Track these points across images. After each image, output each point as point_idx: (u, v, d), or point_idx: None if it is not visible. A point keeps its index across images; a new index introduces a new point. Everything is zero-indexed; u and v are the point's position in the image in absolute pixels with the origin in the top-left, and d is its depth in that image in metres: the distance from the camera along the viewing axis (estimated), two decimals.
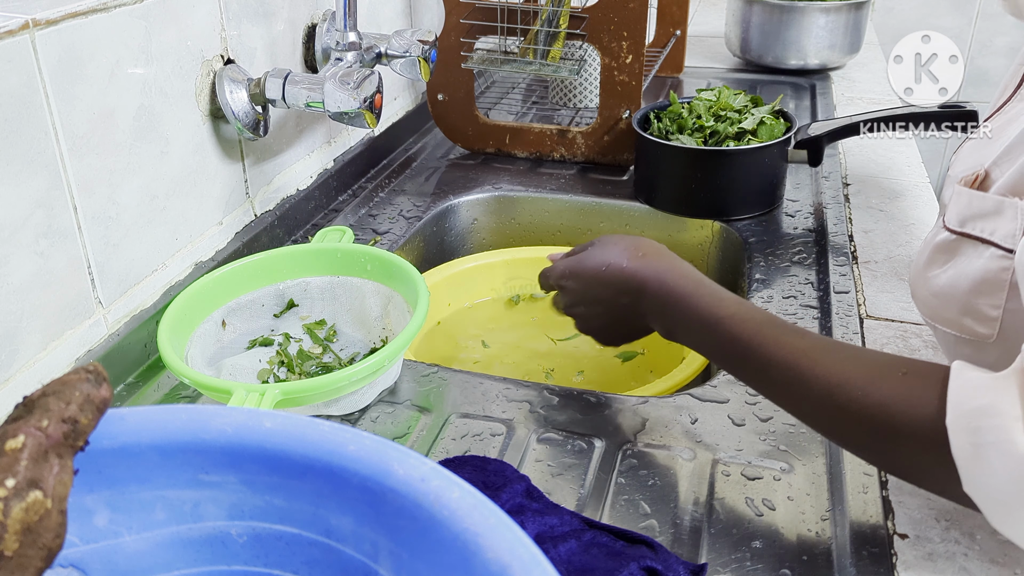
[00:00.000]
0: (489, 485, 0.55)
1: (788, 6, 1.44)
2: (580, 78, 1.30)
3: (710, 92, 1.06)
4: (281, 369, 0.72)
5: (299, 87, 0.82)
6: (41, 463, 0.27)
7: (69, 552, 0.34)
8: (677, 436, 0.63)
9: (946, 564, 0.51)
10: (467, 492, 0.30)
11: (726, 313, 0.57)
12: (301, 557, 0.35)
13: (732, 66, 1.58)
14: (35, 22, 0.59)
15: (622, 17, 1.03)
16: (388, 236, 0.97)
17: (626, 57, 1.05)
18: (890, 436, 0.47)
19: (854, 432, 0.50)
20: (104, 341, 0.69)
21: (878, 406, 0.48)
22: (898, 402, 0.47)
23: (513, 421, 0.65)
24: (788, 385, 0.53)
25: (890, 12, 2.20)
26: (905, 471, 0.50)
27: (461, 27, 1.10)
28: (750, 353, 0.54)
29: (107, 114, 0.67)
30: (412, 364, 0.73)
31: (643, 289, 0.62)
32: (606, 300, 0.65)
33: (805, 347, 0.52)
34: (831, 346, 0.53)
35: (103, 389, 0.30)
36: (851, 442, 0.52)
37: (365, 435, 0.32)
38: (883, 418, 0.47)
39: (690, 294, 0.59)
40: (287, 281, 0.76)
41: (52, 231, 0.63)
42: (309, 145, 1.00)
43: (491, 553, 0.28)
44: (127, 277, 0.72)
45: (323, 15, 0.97)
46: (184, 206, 0.78)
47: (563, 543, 0.51)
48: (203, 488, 0.34)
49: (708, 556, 0.53)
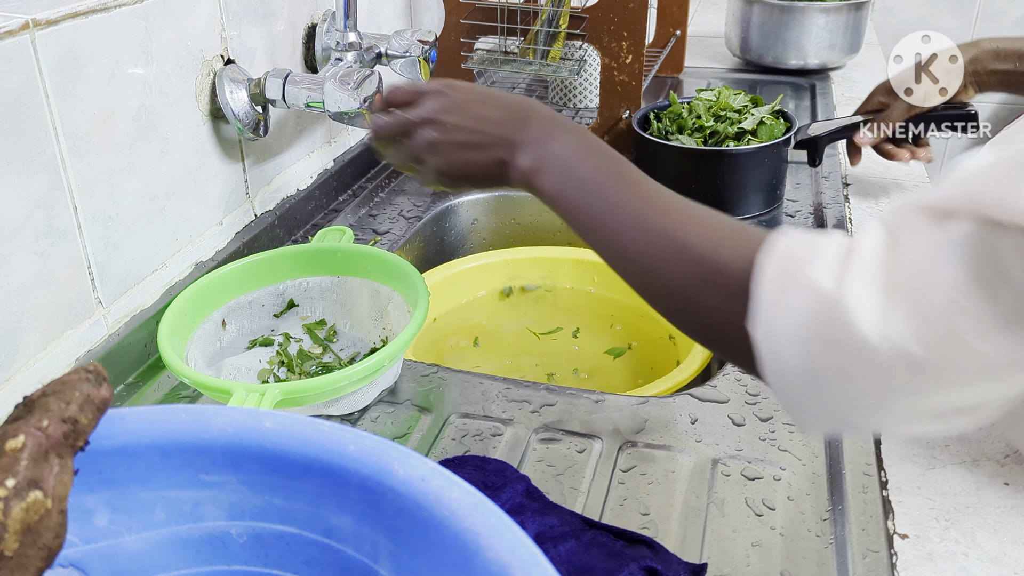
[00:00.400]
0: (489, 485, 0.55)
1: (788, 6, 1.44)
2: (580, 78, 1.30)
3: (710, 92, 1.06)
4: (281, 369, 0.72)
5: (299, 87, 0.82)
6: (41, 463, 0.27)
7: (69, 552, 0.34)
8: (677, 436, 0.63)
9: (946, 564, 0.51)
10: (467, 492, 0.30)
11: (600, 172, 0.56)
12: (301, 557, 0.35)
13: (732, 66, 1.58)
14: (35, 22, 0.59)
15: (622, 17, 1.03)
16: (388, 236, 0.97)
17: (626, 57, 1.05)
18: (708, 272, 0.49)
19: (673, 272, 0.51)
20: (104, 341, 0.69)
21: (706, 244, 0.50)
22: (724, 242, 0.50)
23: (513, 421, 0.65)
24: (624, 233, 0.53)
25: (890, 12, 2.20)
26: (708, 314, 0.50)
27: (461, 27, 1.10)
28: (600, 195, 0.54)
29: (107, 114, 0.67)
30: (412, 364, 0.73)
31: (531, 117, 0.59)
32: (485, 118, 0.60)
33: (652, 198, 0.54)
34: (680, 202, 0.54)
35: (103, 389, 0.30)
36: (667, 285, 0.52)
37: (365, 435, 0.32)
38: (707, 255, 0.50)
39: (577, 139, 0.57)
40: (287, 281, 0.76)
41: (52, 231, 0.63)
42: (309, 145, 1.00)
43: (491, 553, 0.28)
44: (127, 277, 0.72)
45: (323, 15, 0.97)
46: (184, 206, 0.78)
47: (563, 543, 0.51)
48: (203, 488, 0.34)
49: (708, 556, 0.53)
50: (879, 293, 0.42)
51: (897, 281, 0.42)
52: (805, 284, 0.44)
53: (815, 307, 0.44)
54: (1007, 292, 0.38)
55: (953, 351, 0.40)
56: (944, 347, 0.40)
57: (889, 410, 0.44)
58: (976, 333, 0.39)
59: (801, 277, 0.45)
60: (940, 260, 0.40)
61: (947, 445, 0.61)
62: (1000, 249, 0.38)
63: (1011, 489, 0.57)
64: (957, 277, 0.39)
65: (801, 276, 0.45)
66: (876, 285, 0.42)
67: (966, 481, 0.58)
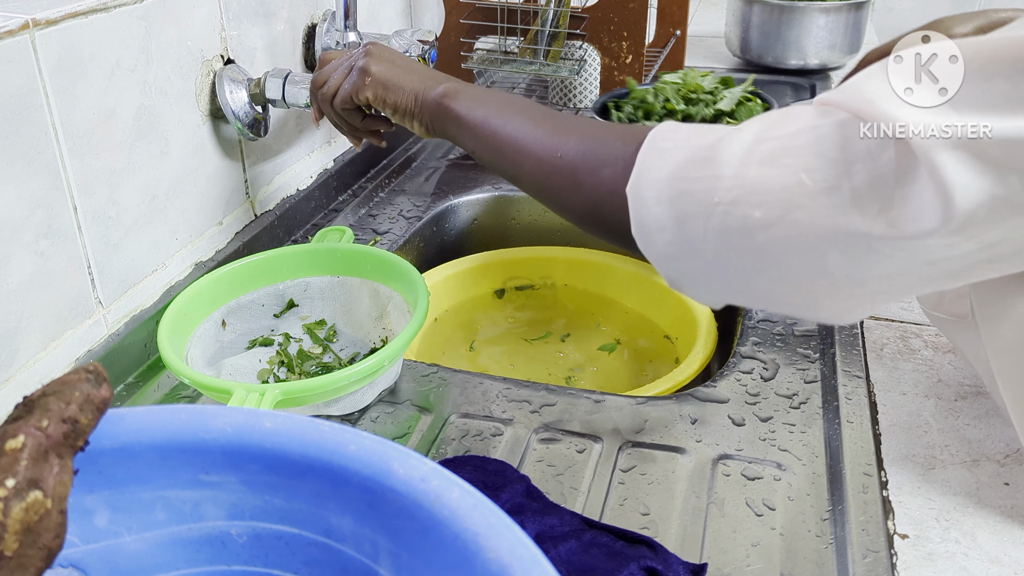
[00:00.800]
0: (489, 485, 0.55)
1: (788, 6, 1.44)
2: (580, 78, 1.30)
3: (675, 75, 0.99)
4: (281, 369, 0.72)
5: (299, 87, 0.82)
6: (41, 463, 0.27)
7: (69, 552, 0.34)
8: (677, 436, 0.63)
9: (946, 564, 0.51)
10: (467, 492, 0.30)
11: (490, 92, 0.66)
12: (301, 557, 0.35)
13: (732, 66, 1.58)
14: (35, 22, 0.59)
15: (622, 17, 1.03)
16: (388, 236, 0.97)
17: (626, 57, 1.05)
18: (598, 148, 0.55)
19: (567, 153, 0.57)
20: (104, 341, 0.69)
21: (600, 129, 0.57)
22: (618, 128, 0.57)
23: (513, 421, 0.65)
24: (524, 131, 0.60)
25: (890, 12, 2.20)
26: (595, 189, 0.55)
27: (461, 27, 1.10)
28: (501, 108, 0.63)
29: (107, 114, 0.67)
30: (412, 364, 0.73)
31: (440, 74, 0.69)
32: (412, 60, 0.72)
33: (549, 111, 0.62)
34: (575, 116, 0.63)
35: (103, 389, 0.30)
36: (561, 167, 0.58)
37: (365, 435, 0.32)
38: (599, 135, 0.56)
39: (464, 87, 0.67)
40: (287, 281, 0.76)
41: (52, 231, 0.63)
42: (309, 145, 1.00)
43: (491, 553, 0.28)
44: (127, 277, 0.72)
45: (323, 15, 0.97)
46: (184, 206, 0.78)
47: (563, 543, 0.51)
48: (203, 488, 0.34)
49: (708, 556, 0.53)
50: (742, 155, 0.48)
51: (762, 149, 0.47)
52: (679, 144, 0.51)
53: (683, 160, 0.50)
54: (846, 184, 0.44)
55: (783, 219, 0.46)
56: (777, 214, 0.46)
57: (739, 273, 0.50)
58: (806, 210, 0.45)
59: (675, 140, 0.51)
60: (806, 141, 0.46)
61: (947, 445, 0.61)
62: (854, 139, 0.44)
63: (1011, 489, 0.57)
64: (811, 160, 0.45)
65: (675, 139, 0.51)
66: (742, 149, 0.48)
67: (966, 481, 0.58)
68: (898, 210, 0.43)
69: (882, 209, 0.43)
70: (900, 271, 0.46)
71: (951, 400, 0.65)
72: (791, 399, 0.67)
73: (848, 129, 0.45)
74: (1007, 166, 0.40)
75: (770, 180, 0.46)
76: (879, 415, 0.64)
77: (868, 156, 0.44)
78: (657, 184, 0.50)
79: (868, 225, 0.44)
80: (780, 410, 0.65)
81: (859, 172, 0.44)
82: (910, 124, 0.42)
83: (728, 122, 0.91)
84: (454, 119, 0.64)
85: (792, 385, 0.68)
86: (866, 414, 0.64)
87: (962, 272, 0.46)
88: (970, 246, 0.43)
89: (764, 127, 0.48)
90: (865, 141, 0.44)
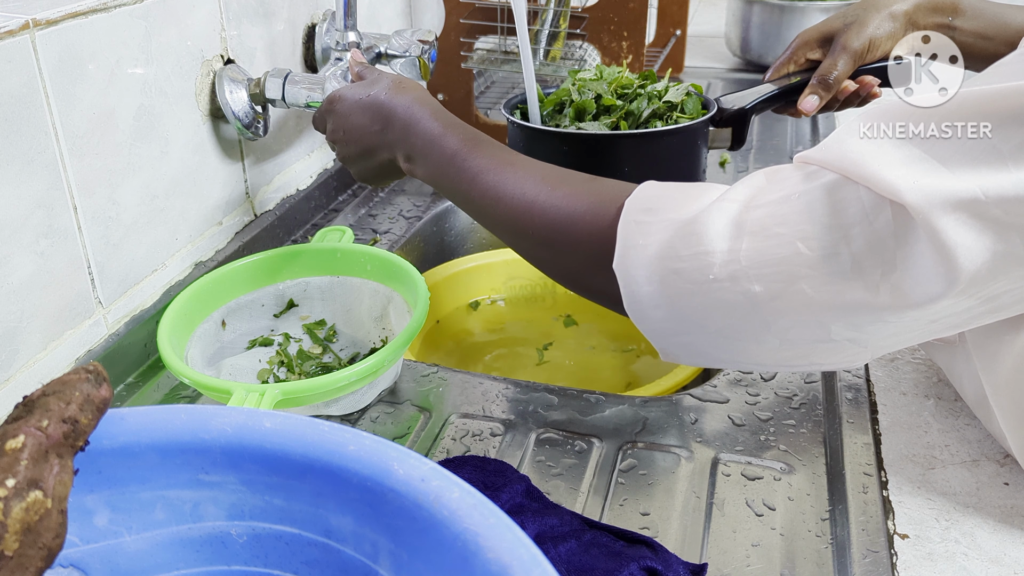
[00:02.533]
0: (489, 485, 0.55)
1: (788, 6, 1.44)
2: None
3: (585, 72, 0.86)
4: (281, 369, 0.72)
5: (299, 87, 0.82)
6: (41, 463, 0.27)
7: (69, 552, 0.34)
8: (677, 436, 0.63)
9: (946, 564, 0.51)
10: (467, 492, 0.30)
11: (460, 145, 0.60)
12: (301, 557, 0.35)
13: (732, 66, 1.58)
14: (35, 22, 0.59)
15: (622, 17, 1.03)
16: (388, 236, 0.97)
17: (626, 57, 1.05)
18: (574, 219, 0.53)
19: (543, 222, 0.54)
20: (104, 341, 0.69)
21: (571, 196, 0.54)
22: (590, 192, 0.53)
23: (513, 421, 0.65)
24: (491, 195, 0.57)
25: None
26: (576, 261, 0.54)
27: (461, 27, 1.10)
28: (476, 185, 0.58)
29: (107, 114, 0.67)
30: (412, 364, 0.73)
31: (392, 117, 0.64)
32: (360, 127, 0.66)
33: (512, 161, 0.58)
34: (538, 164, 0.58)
35: (103, 389, 0.30)
36: (536, 237, 0.55)
37: (365, 435, 0.32)
38: (573, 205, 0.53)
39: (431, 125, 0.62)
40: (287, 281, 0.76)
41: (52, 231, 0.63)
42: (309, 145, 1.00)
43: (491, 553, 0.28)
44: (127, 277, 0.72)
45: (323, 15, 0.97)
46: (184, 206, 0.78)
47: (563, 543, 0.51)
48: (203, 488, 0.34)
49: (708, 556, 0.53)
50: (731, 228, 0.46)
51: (751, 219, 0.45)
52: (662, 218, 0.49)
53: (669, 236, 0.48)
54: (844, 249, 0.43)
55: (785, 292, 0.44)
56: (778, 287, 0.45)
57: (741, 343, 0.48)
58: (808, 280, 0.44)
59: (658, 211, 0.49)
60: (797, 208, 0.44)
61: (947, 445, 0.61)
62: (847, 202, 0.42)
63: (1011, 489, 0.57)
64: (806, 228, 0.44)
65: (658, 211, 0.49)
66: (731, 222, 0.46)
67: (966, 481, 0.58)
68: (900, 274, 0.42)
69: (884, 273, 0.42)
70: (904, 331, 0.45)
71: (951, 400, 0.65)
72: (791, 399, 0.67)
73: (839, 192, 0.43)
74: (1007, 223, 0.39)
75: (766, 252, 0.45)
76: (879, 415, 0.64)
77: (864, 219, 0.42)
78: (647, 264, 0.48)
79: (872, 294, 0.43)
80: (780, 410, 0.65)
81: (857, 236, 0.42)
82: (902, 189, 0.40)
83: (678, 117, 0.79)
84: (428, 182, 0.63)
85: (792, 385, 0.68)
86: (866, 414, 0.64)
87: (964, 323, 0.45)
88: (972, 302, 0.42)
89: (750, 194, 0.47)
90: (859, 204, 0.42)
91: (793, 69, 0.84)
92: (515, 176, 0.57)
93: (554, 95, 0.83)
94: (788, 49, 0.85)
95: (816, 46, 0.83)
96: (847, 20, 0.80)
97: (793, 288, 0.44)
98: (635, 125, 0.79)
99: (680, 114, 0.80)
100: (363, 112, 0.66)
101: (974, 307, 0.43)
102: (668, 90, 0.81)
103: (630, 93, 0.81)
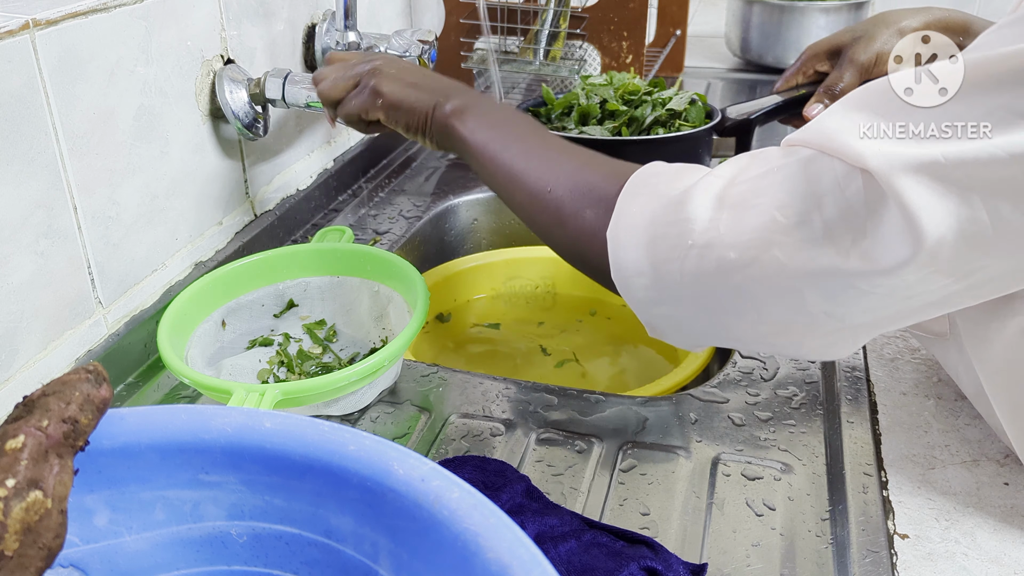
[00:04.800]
0: (489, 485, 0.55)
1: (788, 6, 1.44)
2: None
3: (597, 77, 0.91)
4: (281, 369, 0.72)
5: (299, 87, 0.82)
6: (41, 463, 0.27)
7: (69, 552, 0.34)
8: (677, 436, 0.63)
9: (946, 564, 0.51)
10: (467, 492, 0.30)
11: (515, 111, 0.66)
12: (301, 557, 0.35)
13: (732, 66, 1.58)
14: (35, 22, 0.59)
15: (622, 17, 1.03)
16: (388, 236, 0.97)
17: (626, 57, 1.05)
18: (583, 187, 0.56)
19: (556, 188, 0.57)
20: (104, 341, 0.69)
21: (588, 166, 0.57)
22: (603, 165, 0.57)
23: (513, 421, 0.65)
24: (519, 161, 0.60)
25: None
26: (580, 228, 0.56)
27: (461, 27, 1.10)
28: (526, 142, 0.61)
29: (107, 114, 0.67)
30: (412, 364, 0.73)
31: (462, 84, 0.68)
32: (424, 72, 0.70)
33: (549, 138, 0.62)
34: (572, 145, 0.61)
35: (103, 389, 0.30)
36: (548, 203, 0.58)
37: (365, 435, 0.32)
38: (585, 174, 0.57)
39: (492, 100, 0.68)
40: (287, 281, 0.76)
41: (52, 231, 0.63)
42: (309, 145, 1.00)
43: (491, 553, 0.28)
44: (127, 277, 0.72)
45: (323, 15, 0.97)
46: (184, 206, 0.78)
47: (563, 543, 0.51)
48: (203, 488, 0.34)
49: (708, 556, 0.53)
50: (714, 200, 0.48)
51: (733, 193, 0.48)
52: (654, 190, 0.52)
53: (657, 206, 0.51)
54: (817, 217, 0.45)
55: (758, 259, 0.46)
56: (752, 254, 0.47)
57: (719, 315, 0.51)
58: (781, 247, 0.46)
59: (653, 184, 0.52)
60: (775, 180, 0.47)
61: (947, 445, 0.61)
62: (821, 173, 0.45)
63: (1011, 489, 0.57)
64: (781, 197, 0.46)
65: (653, 184, 0.52)
66: (714, 195, 0.49)
67: (966, 481, 0.58)
68: (870, 241, 0.43)
69: (855, 240, 0.44)
70: (879, 306, 0.46)
71: (951, 400, 0.65)
72: (791, 399, 0.67)
73: (814, 164, 0.45)
74: (968, 187, 0.41)
75: (743, 222, 0.47)
76: (879, 415, 0.64)
77: (836, 188, 0.44)
78: (634, 229, 0.51)
79: (843, 259, 0.44)
80: (780, 410, 0.66)
81: (829, 204, 0.44)
82: (868, 154, 0.42)
83: (681, 125, 0.84)
84: (459, 140, 0.64)
85: (792, 385, 0.68)
86: (866, 414, 0.64)
87: (941, 303, 0.46)
88: (945, 279, 0.43)
89: (735, 172, 0.49)
90: (832, 174, 0.44)
91: (802, 80, 0.85)
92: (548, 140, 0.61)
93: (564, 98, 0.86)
94: (797, 61, 0.86)
95: (825, 58, 0.84)
96: (856, 34, 0.81)
97: (767, 255, 0.46)
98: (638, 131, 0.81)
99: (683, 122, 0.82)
100: (428, 71, 0.70)
101: (949, 285, 0.44)
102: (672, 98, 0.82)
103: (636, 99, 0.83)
